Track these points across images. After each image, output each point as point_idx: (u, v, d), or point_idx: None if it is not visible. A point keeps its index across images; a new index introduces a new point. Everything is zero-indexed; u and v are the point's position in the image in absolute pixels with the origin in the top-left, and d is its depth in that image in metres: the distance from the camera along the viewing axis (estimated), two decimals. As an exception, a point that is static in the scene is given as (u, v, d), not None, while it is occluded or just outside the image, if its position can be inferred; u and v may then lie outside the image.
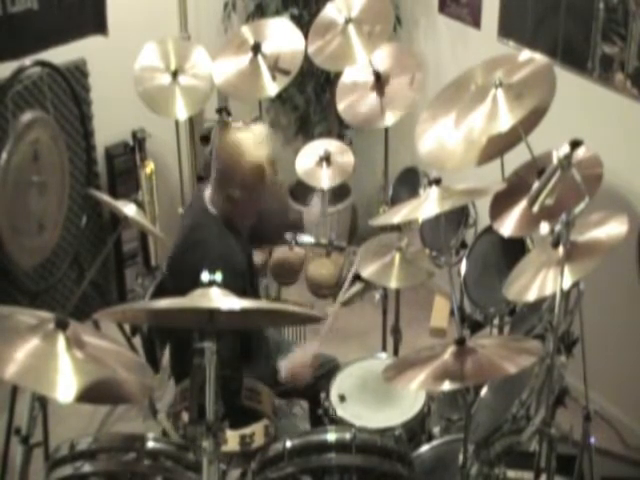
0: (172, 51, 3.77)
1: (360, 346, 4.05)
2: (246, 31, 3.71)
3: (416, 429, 2.95)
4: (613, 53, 3.40)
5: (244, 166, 2.89)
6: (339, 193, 4.66)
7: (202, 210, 3.01)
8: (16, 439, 2.32)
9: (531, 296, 2.46)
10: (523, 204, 2.81)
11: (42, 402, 2.35)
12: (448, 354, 2.32)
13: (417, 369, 2.31)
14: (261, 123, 3.01)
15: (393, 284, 3.19)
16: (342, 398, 2.99)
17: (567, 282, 2.36)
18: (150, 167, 4.09)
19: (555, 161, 2.51)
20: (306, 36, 3.58)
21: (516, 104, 2.81)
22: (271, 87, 3.61)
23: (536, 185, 2.58)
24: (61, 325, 2.14)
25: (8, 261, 3.52)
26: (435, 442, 2.91)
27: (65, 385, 2.03)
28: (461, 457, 2.50)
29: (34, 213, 3.58)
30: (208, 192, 3.01)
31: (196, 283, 2.27)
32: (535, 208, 2.58)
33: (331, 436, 2.60)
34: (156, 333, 3.16)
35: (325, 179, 3.61)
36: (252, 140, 2.93)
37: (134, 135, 4.10)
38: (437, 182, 2.71)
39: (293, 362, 3.11)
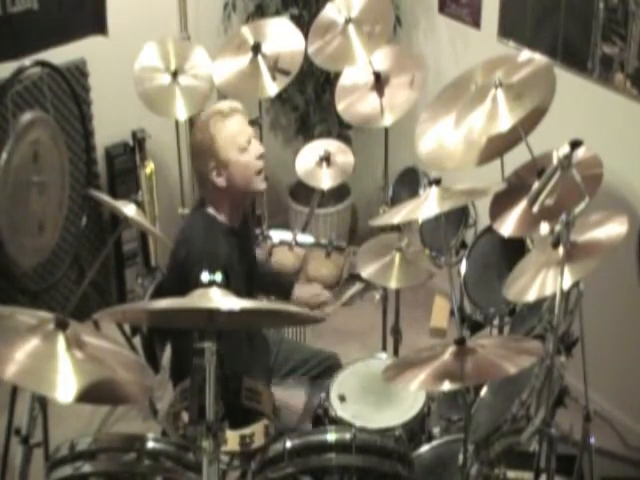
0: (172, 51, 3.76)
1: (360, 346, 4.05)
2: (246, 31, 3.70)
3: (416, 429, 2.95)
4: (613, 53, 3.40)
5: (195, 132, 3.03)
6: (339, 193, 4.67)
7: (196, 207, 3.07)
8: (16, 439, 2.32)
9: (531, 296, 2.46)
10: (523, 204, 2.81)
11: (42, 402, 2.35)
12: (448, 354, 2.32)
13: (417, 369, 2.31)
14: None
15: (393, 284, 3.19)
16: (342, 398, 2.99)
17: (567, 282, 2.36)
18: (150, 167, 4.09)
19: (555, 161, 2.51)
20: (306, 36, 3.57)
21: (516, 104, 2.81)
22: (271, 87, 3.61)
23: (536, 185, 2.58)
24: (61, 325, 2.14)
25: (8, 261, 3.52)
26: (435, 442, 2.91)
27: (65, 385, 2.03)
28: (461, 457, 2.50)
29: (34, 213, 3.58)
30: (207, 207, 3.05)
31: (186, 280, 2.28)
32: (535, 208, 2.58)
33: (331, 436, 2.60)
34: (156, 333, 3.17)
35: (325, 179, 3.61)
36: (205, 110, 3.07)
37: (134, 135, 4.10)
38: (437, 182, 2.71)
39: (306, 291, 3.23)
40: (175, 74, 3.72)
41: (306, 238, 3.56)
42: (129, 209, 2.90)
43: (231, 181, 2.97)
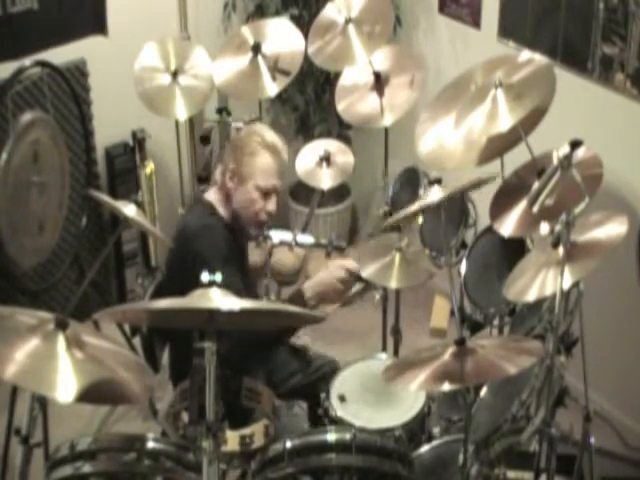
0: (172, 51, 3.77)
1: (360, 346, 4.05)
2: (246, 31, 3.71)
3: (416, 429, 2.95)
4: (613, 53, 3.40)
5: (241, 130, 3.10)
6: (339, 193, 4.67)
7: (196, 202, 3.11)
8: (16, 439, 2.32)
9: (531, 296, 2.46)
10: (523, 204, 2.81)
11: (42, 402, 2.35)
12: (448, 354, 2.32)
13: (417, 369, 2.31)
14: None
15: (393, 284, 3.19)
16: (342, 398, 2.99)
17: (567, 282, 2.36)
18: (150, 167, 4.09)
19: (555, 161, 2.51)
20: (306, 36, 3.58)
21: (516, 104, 2.81)
22: (271, 87, 3.61)
23: (536, 185, 2.58)
24: (61, 325, 2.14)
25: (8, 261, 3.52)
26: (435, 442, 2.91)
27: (65, 385, 2.03)
28: (461, 457, 2.50)
29: (34, 213, 3.58)
30: (211, 191, 3.10)
31: (185, 275, 2.29)
32: (535, 208, 2.58)
33: (331, 436, 2.60)
34: (156, 333, 3.17)
35: (325, 179, 3.61)
36: (264, 128, 3.11)
37: (134, 135, 4.10)
38: (437, 182, 2.71)
39: (320, 282, 3.13)
40: (175, 74, 3.72)
41: (306, 238, 3.55)
42: (129, 209, 2.90)
43: (234, 195, 3.02)
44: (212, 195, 3.07)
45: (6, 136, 3.49)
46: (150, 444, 2.48)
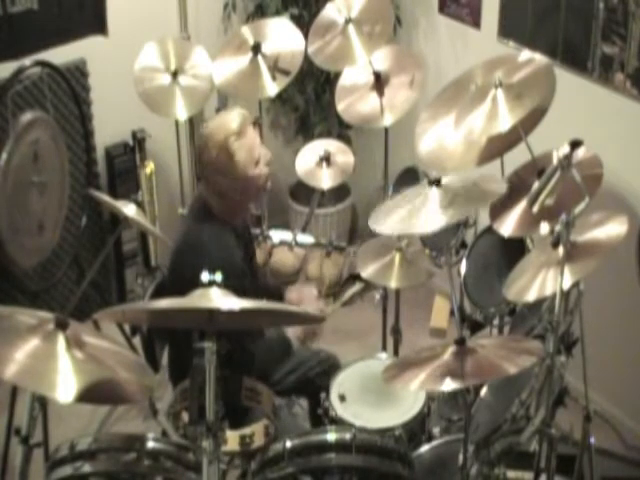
0: (172, 51, 3.77)
1: (360, 346, 4.05)
2: (246, 31, 3.70)
3: (416, 429, 2.95)
4: (613, 53, 3.40)
5: (210, 149, 2.93)
6: (339, 193, 4.67)
7: (201, 211, 3.04)
8: (16, 439, 2.32)
9: (531, 296, 2.46)
10: (523, 204, 2.81)
11: (42, 402, 2.35)
12: (448, 354, 2.32)
13: (417, 369, 2.31)
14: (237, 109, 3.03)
15: (393, 284, 3.19)
16: (342, 398, 2.99)
17: (567, 282, 2.36)
18: (150, 167, 4.09)
19: (555, 161, 2.51)
20: (306, 36, 3.57)
21: (516, 104, 2.81)
22: (271, 87, 3.60)
23: (536, 185, 2.58)
24: (61, 325, 2.14)
25: (8, 261, 3.52)
26: (435, 442, 2.91)
27: (65, 385, 2.03)
28: (461, 457, 2.50)
29: (34, 213, 3.58)
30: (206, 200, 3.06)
31: (197, 287, 2.28)
32: (535, 208, 2.58)
33: (331, 436, 2.60)
34: (156, 333, 3.17)
35: (325, 179, 3.61)
36: (213, 123, 3.00)
37: (134, 135, 4.10)
38: (437, 182, 2.71)
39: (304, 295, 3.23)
40: (175, 74, 3.72)
41: (306, 238, 3.56)
42: (129, 209, 2.90)
43: (245, 194, 2.99)
44: (219, 218, 3.01)
45: (6, 136, 3.49)
46: (150, 444, 2.48)
